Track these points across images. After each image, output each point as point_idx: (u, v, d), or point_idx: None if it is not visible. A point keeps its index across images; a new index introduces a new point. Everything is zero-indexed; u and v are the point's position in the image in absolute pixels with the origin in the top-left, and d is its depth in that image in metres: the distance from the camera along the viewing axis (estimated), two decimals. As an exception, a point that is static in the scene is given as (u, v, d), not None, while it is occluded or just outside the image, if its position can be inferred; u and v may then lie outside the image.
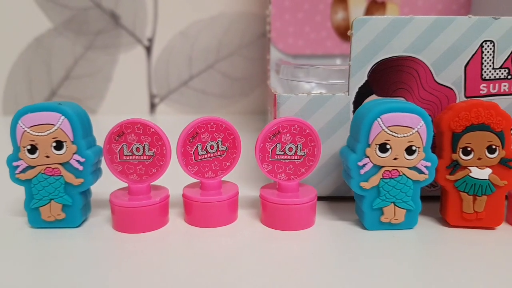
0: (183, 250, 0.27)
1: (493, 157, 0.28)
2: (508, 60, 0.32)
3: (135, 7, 0.73)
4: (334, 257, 0.26)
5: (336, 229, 0.30)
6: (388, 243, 0.28)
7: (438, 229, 0.30)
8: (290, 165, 0.30)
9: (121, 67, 0.75)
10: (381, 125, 0.27)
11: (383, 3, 0.72)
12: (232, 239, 0.28)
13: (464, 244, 0.28)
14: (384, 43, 0.31)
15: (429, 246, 0.28)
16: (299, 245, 0.28)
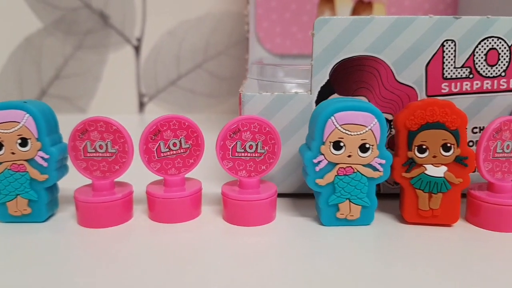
0: (145, 245, 0.28)
1: (448, 155, 0.29)
2: (469, 59, 0.32)
3: (123, 7, 0.74)
4: (289, 252, 0.27)
5: (295, 225, 0.30)
6: (343, 239, 0.28)
7: (395, 226, 0.30)
8: (250, 162, 0.30)
9: (110, 66, 0.76)
10: (335, 123, 0.28)
11: (369, 3, 0.73)
12: (193, 234, 0.29)
13: (418, 241, 0.28)
14: (345, 43, 0.32)
15: (382, 242, 0.28)
16: (257, 240, 0.28)
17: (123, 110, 0.76)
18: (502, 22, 0.32)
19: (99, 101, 0.76)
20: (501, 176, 0.30)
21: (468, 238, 0.28)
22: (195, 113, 0.76)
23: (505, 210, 0.29)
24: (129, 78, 0.76)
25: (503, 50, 0.32)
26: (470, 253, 0.27)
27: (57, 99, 0.76)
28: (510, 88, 0.33)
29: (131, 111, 0.77)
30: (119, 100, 0.76)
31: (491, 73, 0.32)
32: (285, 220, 0.31)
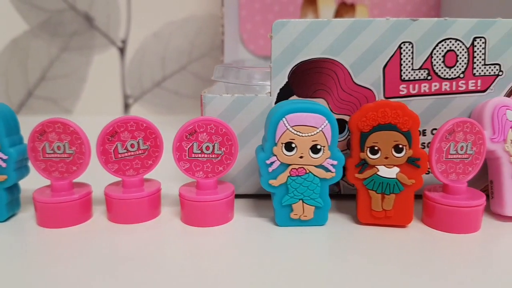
0: (101, 245, 0.28)
1: (400, 156, 0.29)
2: (427, 61, 0.32)
3: (108, 9, 0.74)
4: (242, 252, 0.27)
5: (251, 225, 0.31)
6: (295, 239, 0.28)
7: (349, 227, 0.30)
8: (207, 163, 0.31)
9: (96, 68, 0.76)
10: (286, 125, 0.28)
11: (352, 5, 0.73)
12: (149, 235, 0.29)
13: (369, 241, 0.28)
14: (303, 45, 0.32)
15: (334, 242, 0.28)
16: (211, 240, 0.29)
17: (108, 111, 0.77)
18: (460, 24, 0.32)
19: (84, 103, 0.77)
20: (456, 178, 0.30)
21: (420, 239, 0.29)
22: (179, 115, 0.77)
23: (459, 211, 0.29)
24: (114, 80, 0.76)
25: (461, 52, 0.32)
26: (419, 254, 0.27)
27: (43, 101, 0.77)
28: (469, 90, 0.33)
29: (116, 112, 0.77)
30: (104, 102, 0.77)
31: (450, 75, 0.33)
32: (243, 220, 0.31)
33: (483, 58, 0.32)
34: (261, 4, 0.72)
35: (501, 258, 0.26)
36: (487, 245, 0.28)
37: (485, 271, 0.25)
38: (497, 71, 0.33)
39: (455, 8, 0.69)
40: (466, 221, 0.29)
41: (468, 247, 0.28)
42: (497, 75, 0.33)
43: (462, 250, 0.27)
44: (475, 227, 0.30)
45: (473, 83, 0.33)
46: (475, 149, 0.30)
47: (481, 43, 0.32)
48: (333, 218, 0.32)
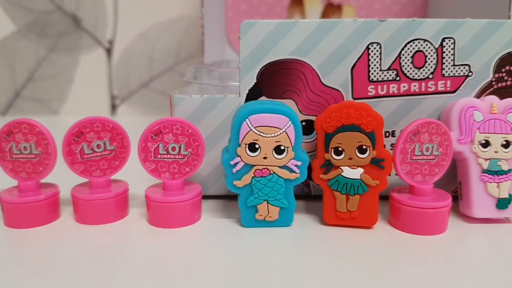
0: (66, 245, 0.28)
1: (364, 157, 0.29)
2: (395, 62, 0.32)
3: (95, 10, 0.74)
4: (205, 253, 0.27)
5: (217, 226, 0.30)
6: (259, 240, 0.28)
7: (315, 227, 0.30)
8: (174, 164, 0.31)
9: (83, 68, 0.76)
10: (249, 126, 0.28)
11: (339, 6, 0.73)
12: (114, 236, 0.29)
13: (333, 242, 0.28)
14: (271, 46, 0.32)
15: (297, 243, 0.28)
16: (175, 241, 0.28)
17: (96, 112, 0.76)
18: (428, 24, 0.32)
19: (71, 103, 0.77)
20: (422, 179, 0.30)
21: (384, 241, 0.28)
22: (167, 115, 0.77)
23: (424, 213, 0.29)
24: (101, 81, 0.76)
25: (430, 53, 0.32)
26: (382, 255, 0.27)
27: (31, 101, 0.77)
28: (439, 91, 0.33)
29: (103, 113, 0.77)
30: (92, 102, 0.77)
31: (419, 76, 0.33)
32: (210, 221, 0.31)
33: (452, 58, 0.32)
34: (248, 5, 0.72)
35: (465, 260, 0.26)
36: (452, 247, 0.28)
37: (448, 273, 0.25)
38: (467, 71, 0.33)
39: (442, 8, 0.69)
40: (432, 223, 0.29)
41: (432, 248, 0.27)
42: (466, 75, 0.33)
43: (426, 252, 0.27)
44: (441, 229, 0.30)
45: (442, 83, 0.33)
46: (441, 150, 0.30)
47: (450, 44, 0.32)
48: (300, 219, 0.32)
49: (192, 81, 0.36)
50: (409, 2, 0.73)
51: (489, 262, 0.26)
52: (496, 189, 0.30)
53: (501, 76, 0.33)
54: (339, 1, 0.73)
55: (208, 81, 0.35)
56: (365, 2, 0.73)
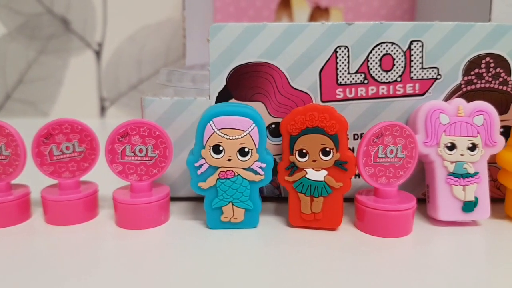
0: (34, 246, 0.28)
1: (327, 159, 0.29)
2: (363, 65, 0.33)
3: (85, 13, 0.75)
4: (168, 254, 0.27)
5: (183, 228, 0.31)
6: (223, 242, 0.28)
7: (280, 229, 0.30)
8: (141, 166, 0.31)
9: (72, 71, 0.77)
10: (213, 128, 0.28)
11: (326, 9, 0.73)
12: (80, 237, 0.30)
13: (296, 244, 0.28)
14: (240, 49, 0.32)
15: (260, 244, 0.28)
16: (138, 243, 0.29)
17: (85, 114, 0.77)
18: (396, 27, 0.32)
19: (61, 105, 0.78)
20: (386, 181, 0.30)
21: (346, 243, 0.29)
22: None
23: (387, 215, 0.29)
24: (91, 83, 0.77)
25: (398, 56, 0.32)
26: (343, 257, 0.27)
27: (21, 103, 0.77)
28: (407, 93, 0.33)
29: (92, 115, 0.77)
30: (81, 104, 0.77)
31: (387, 79, 0.33)
32: (177, 223, 0.32)
33: (420, 61, 0.33)
34: (236, 8, 0.72)
35: (426, 262, 0.26)
36: (415, 249, 0.28)
37: (409, 275, 0.25)
38: (435, 74, 0.33)
39: (429, 11, 0.69)
40: (396, 225, 0.29)
41: (395, 251, 0.28)
42: (435, 78, 0.33)
43: (388, 254, 0.27)
44: (406, 231, 0.30)
45: (410, 86, 0.33)
46: (406, 152, 0.30)
47: (418, 47, 0.32)
48: (268, 220, 0.32)
49: (165, 84, 0.36)
50: (397, 5, 0.73)
51: (451, 265, 0.26)
52: (462, 192, 0.30)
53: (470, 79, 0.33)
54: (326, 4, 0.73)
55: (180, 83, 0.36)
56: (353, 5, 0.73)
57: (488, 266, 0.26)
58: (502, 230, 0.31)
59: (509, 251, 0.28)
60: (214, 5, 0.72)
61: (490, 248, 0.29)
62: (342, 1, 0.73)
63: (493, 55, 0.33)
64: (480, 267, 0.26)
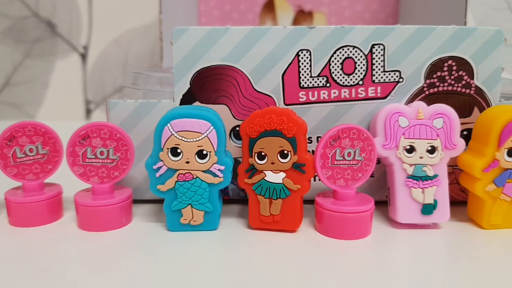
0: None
1: (285, 162, 0.29)
2: (325, 68, 0.33)
3: (70, 16, 0.75)
4: (126, 256, 0.27)
5: (144, 230, 0.31)
6: (179, 244, 0.29)
7: (240, 231, 0.30)
8: (102, 168, 0.31)
9: (58, 73, 0.77)
10: (171, 130, 0.28)
11: (310, 13, 0.74)
12: (42, 239, 0.30)
13: (254, 246, 0.28)
14: (203, 52, 0.33)
15: (217, 247, 0.28)
16: (97, 245, 0.29)
17: (70, 117, 0.77)
18: (357, 31, 0.32)
19: (47, 108, 0.78)
20: (344, 183, 0.30)
21: (303, 244, 0.29)
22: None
23: (344, 217, 0.29)
24: (76, 85, 0.77)
25: (359, 59, 0.33)
26: (299, 260, 0.27)
27: (7, 106, 0.78)
28: (369, 97, 0.33)
29: (78, 117, 0.78)
30: (67, 107, 0.78)
31: (349, 82, 0.33)
32: (138, 225, 0.32)
33: (382, 65, 0.33)
34: (220, 12, 0.73)
35: (383, 265, 0.26)
36: (371, 251, 0.28)
37: (363, 277, 0.25)
38: (397, 77, 0.33)
39: (413, 15, 0.69)
40: (353, 227, 0.29)
41: (350, 252, 0.28)
42: (397, 81, 0.33)
43: (344, 256, 0.27)
44: (363, 233, 0.30)
45: (372, 90, 0.33)
46: (364, 155, 0.30)
47: (379, 50, 0.33)
48: (230, 222, 0.32)
49: (130, 87, 0.37)
50: (380, 9, 0.73)
51: (407, 267, 0.26)
52: (421, 195, 0.30)
53: (433, 82, 0.33)
54: (310, 8, 0.74)
55: (146, 86, 0.36)
56: (336, 9, 0.73)
57: (442, 268, 0.26)
58: (461, 232, 0.31)
59: (466, 253, 0.28)
60: (198, 9, 0.72)
61: (445, 250, 0.29)
62: (326, 5, 0.73)
63: (455, 58, 0.33)
64: (434, 269, 0.26)
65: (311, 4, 0.74)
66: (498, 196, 0.30)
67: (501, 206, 0.30)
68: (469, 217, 0.33)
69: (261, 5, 0.74)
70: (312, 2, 0.74)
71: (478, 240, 0.30)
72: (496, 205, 0.30)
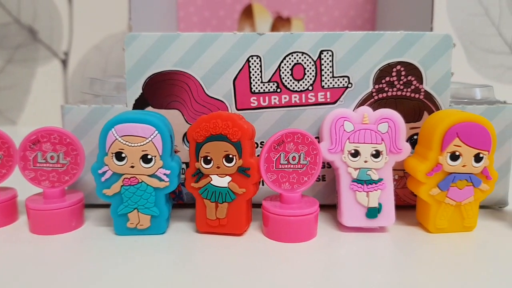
0: None
1: (230, 166, 0.30)
2: (276, 74, 0.33)
3: (51, 23, 0.76)
4: (69, 259, 0.28)
5: (93, 234, 0.31)
6: (125, 247, 0.29)
7: (187, 235, 0.31)
8: (53, 173, 0.32)
9: (39, 79, 0.78)
10: (115, 135, 0.29)
11: (288, 19, 0.74)
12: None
13: (200, 250, 0.29)
14: (155, 58, 0.33)
15: (160, 250, 0.29)
16: (44, 248, 0.29)
17: (52, 122, 0.77)
18: (306, 37, 0.33)
19: (28, 113, 0.78)
20: (290, 187, 0.30)
21: (248, 248, 0.29)
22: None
23: (288, 221, 0.29)
24: (57, 91, 0.78)
25: (309, 65, 0.33)
26: (244, 263, 0.27)
27: (-11, 111, 0.78)
28: (319, 102, 0.34)
29: (59, 123, 0.78)
30: (48, 112, 0.78)
31: (299, 87, 0.33)
32: (88, 229, 0.32)
33: (331, 70, 0.33)
34: (199, 18, 0.73)
35: (324, 267, 0.27)
36: (314, 254, 0.28)
37: (305, 280, 0.25)
38: (346, 83, 0.33)
39: (389, 21, 0.70)
40: (297, 230, 0.30)
41: (292, 256, 0.28)
42: (346, 87, 0.33)
43: (286, 259, 0.27)
44: (308, 236, 0.30)
45: (322, 95, 0.34)
46: (309, 159, 0.30)
47: (328, 56, 0.33)
48: (179, 227, 0.32)
49: (87, 93, 0.37)
50: (357, 15, 0.74)
51: (348, 269, 0.26)
52: (366, 198, 0.31)
53: (382, 87, 0.34)
54: (288, 14, 0.74)
55: (103, 92, 0.36)
56: (314, 15, 0.74)
57: (383, 270, 0.26)
58: (407, 236, 0.31)
59: (408, 257, 0.28)
60: (177, 15, 0.73)
61: (388, 253, 0.29)
62: (304, 11, 0.74)
63: (404, 63, 0.33)
64: (374, 272, 0.26)
65: (289, 10, 0.74)
66: (443, 200, 0.31)
67: (446, 210, 0.31)
68: (418, 220, 0.33)
69: (239, 11, 0.74)
70: (290, 9, 0.75)
71: (423, 244, 0.30)
72: (441, 209, 0.31)
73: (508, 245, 0.30)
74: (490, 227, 0.33)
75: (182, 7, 0.73)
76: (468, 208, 0.31)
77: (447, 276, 0.26)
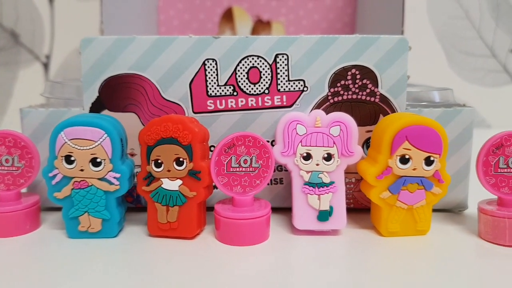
0: None
1: (181, 169, 0.30)
2: (232, 77, 0.33)
3: (33, 26, 0.76)
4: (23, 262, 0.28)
5: (46, 237, 0.31)
6: (75, 250, 0.29)
7: (139, 238, 0.31)
8: (8, 176, 0.32)
9: (21, 83, 0.78)
10: (64, 138, 0.29)
11: (268, 22, 0.75)
12: None
13: (148, 253, 0.29)
14: (110, 61, 0.33)
15: (110, 254, 0.29)
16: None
17: (33, 125, 0.78)
18: (261, 41, 0.33)
19: (11, 117, 0.79)
20: (242, 190, 0.30)
21: (196, 252, 0.29)
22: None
23: (240, 224, 0.29)
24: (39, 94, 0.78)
25: (264, 69, 0.33)
26: (193, 267, 0.27)
27: (-29, 115, 0.79)
28: (275, 105, 0.34)
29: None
30: (29, 116, 0.78)
31: (255, 91, 0.33)
32: (44, 232, 0.32)
33: (286, 74, 0.33)
34: (180, 21, 0.74)
35: (274, 270, 0.27)
36: (265, 257, 0.28)
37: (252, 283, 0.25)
38: (302, 86, 0.33)
39: (369, 25, 0.70)
40: (249, 233, 0.30)
41: (243, 258, 0.28)
42: (302, 90, 0.34)
43: (236, 262, 0.27)
44: (259, 239, 0.30)
45: (278, 98, 0.34)
46: (261, 162, 0.30)
47: (283, 60, 0.33)
48: (132, 230, 0.32)
49: (47, 96, 0.37)
50: (337, 19, 0.74)
51: (297, 271, 0.27)
52: (317, 201, 0.31)
53: (337, 91, 0.34)
54: (268, 17, 0.75)
55: (62, 95, 0.37)
56: (294, 18, 0.74)
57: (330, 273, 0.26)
58: (359, 239, 0.31)
59: (357, 260, 0.28)
60: (158, 18, 0.73)
61: (339, 256, 0.29)
62: (284, 15, 0.74)
63: (359, 67, 0.33)
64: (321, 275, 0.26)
65: (269, 14, 0.75)
66: (394, 204, 0.31)
67: (398, 213, 0.31)
68: (373, 223, 0.33)
69: (220, 14, 0.75)
70: (270, 12, 0.75)
71: (374, 247, 0.30)
72: (392, 213, 0.31)
73: (461, 248, 0.30)
74: (445, 230, 0.33)
75: (163, 10, 0.73)
76: (421, 211, 0.31)
77: (396, 278, 0.26)
